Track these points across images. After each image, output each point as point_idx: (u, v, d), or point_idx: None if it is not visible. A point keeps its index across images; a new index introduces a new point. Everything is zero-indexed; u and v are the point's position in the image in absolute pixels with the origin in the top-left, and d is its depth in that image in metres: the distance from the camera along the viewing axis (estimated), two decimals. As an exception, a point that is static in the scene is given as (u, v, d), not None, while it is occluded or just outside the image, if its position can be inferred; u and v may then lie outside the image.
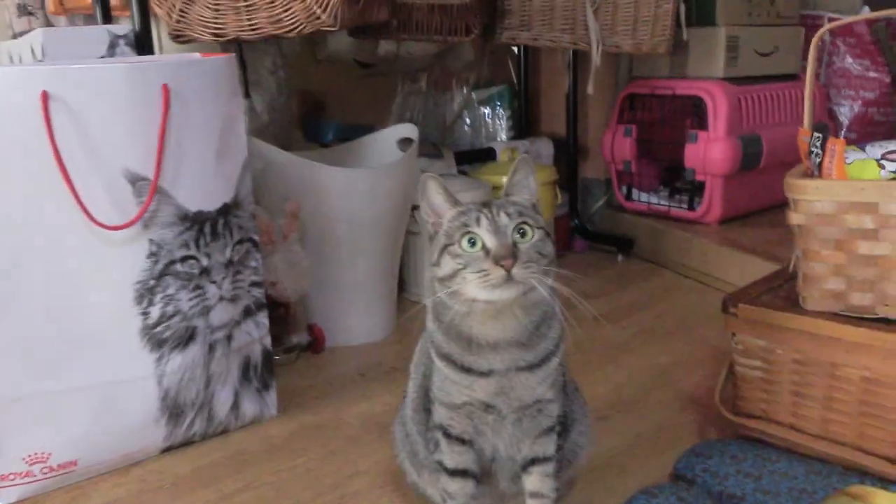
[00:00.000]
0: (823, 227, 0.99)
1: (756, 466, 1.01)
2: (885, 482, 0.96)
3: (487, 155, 2.05)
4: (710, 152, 1.93)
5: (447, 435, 0.84)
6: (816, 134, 1.01)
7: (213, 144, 1.12)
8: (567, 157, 2.19)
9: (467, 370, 0.79)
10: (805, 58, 2.20)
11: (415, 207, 1.72)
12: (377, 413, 1.29)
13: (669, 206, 2.08)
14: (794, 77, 2.16)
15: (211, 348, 1.16)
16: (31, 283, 1.01)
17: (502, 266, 0.72)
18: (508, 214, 0.75)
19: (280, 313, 1.44)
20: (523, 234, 0.75)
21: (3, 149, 0.97)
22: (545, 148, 2.17)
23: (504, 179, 1.84)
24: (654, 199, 2.12)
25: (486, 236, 0.74)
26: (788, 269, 1.03)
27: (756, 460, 1.02)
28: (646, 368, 1.44)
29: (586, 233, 2.20)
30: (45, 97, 0.96)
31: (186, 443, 1.18)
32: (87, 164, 1.01)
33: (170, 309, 1.10)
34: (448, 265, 0.75)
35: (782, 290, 1.11)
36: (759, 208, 2.06)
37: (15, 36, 1.79)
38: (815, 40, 1.08)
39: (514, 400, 0.80)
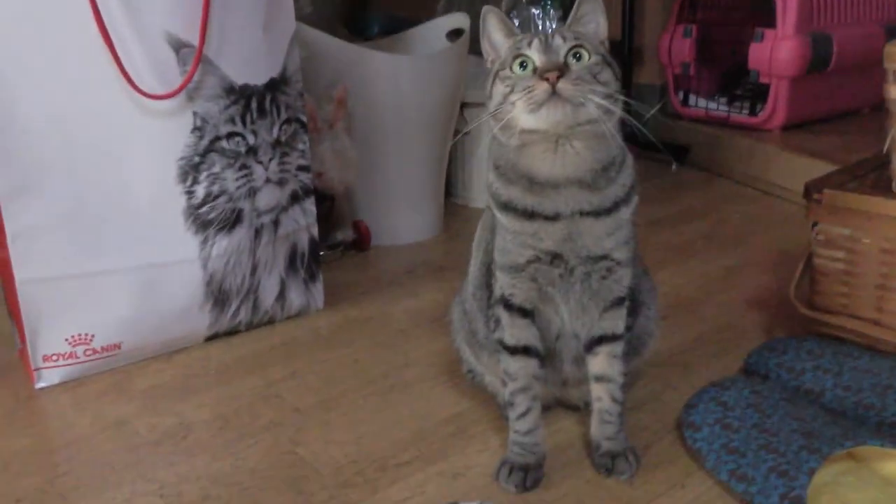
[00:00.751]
0: (926, 103, 0.90)
1: (836, 362, 0.95)
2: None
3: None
4: (777, 51, 1.81)
5: (509, 307, 0.79)
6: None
7: (260, 14, 1.05)
8: (622, 59, 2.08)
9: (530, 215, 0.74)
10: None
11: (464, 105, 1.65)
12: (426, 308, 1.24)
13: (729, 111, 1.98)
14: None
15: (257, 233, 1.11)
16: (73, 155, 0.97)
17: (546, 79, 0.67)
18: (564, 37, 0.70)
19: (326, 208, 1.38)
20: (578, 57, 0.70)
21: (40, 8, 0.91)
22: (598, 50, 2.06)
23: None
24: (712, 105, 2.01)
25: (535, 56, 0.70)
26: (883, 152, 0.95)
27: (835, 356, 0.96)
28: (707, 272, 1.37)
29: (638, 141, 2.10)
30: (84, -53, 0.89)
31: (231, 332, 1.15)
32: (129, 28, 0.95)
33: (215, 188, 1.05)
34: (498, 92, 0.71)
35: (869, 179, 1.03)
36: (826, 115, 1.94)
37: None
38: None
39: (581, 248, 0.75)
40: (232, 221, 1.08)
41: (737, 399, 0.89)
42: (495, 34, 0.75)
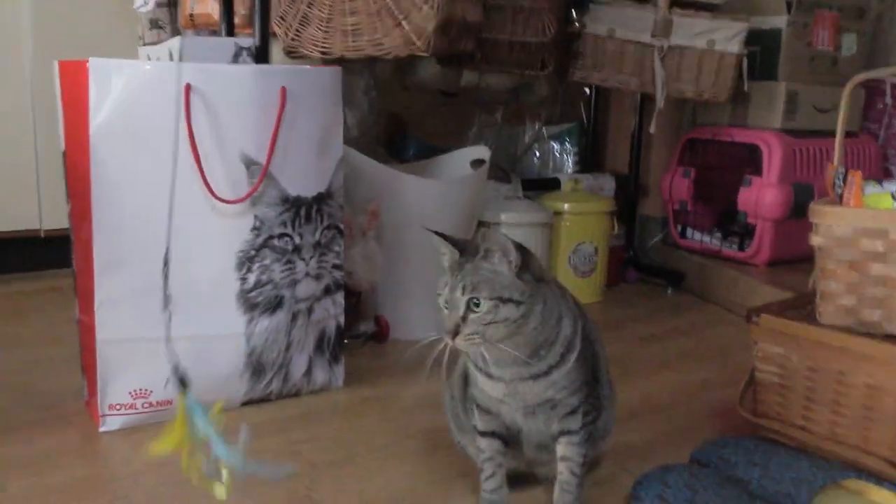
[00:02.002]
0: (840, 249, 1.11)
1: (765, 458, 1.13)
2: (882, 480, 1.06)
3: (552, 184, 2.21)
4: (762, 197, 2.05)
5: (478, 406, 1.00)
6: (840, 168, 1.14)
7: (315, 141, 1.31)
8: (628, 193, 2.34)
9: (485, 373, 0.95)
10: (865, 118, 2.34)
11: (480, 223, 1.89)
12: (432, 394, 1.44)
13: (721, 246, 2.20)
14: (853, 134, 2.26)
15: (294, 317, 1.33)
16: (157, 242, 1.21)
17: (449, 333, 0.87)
18: (463, 289, 0.86)
19: (352, 302, 1.61)
20: (477, 305, 0.85)
21: (148, 127, 1.18)
22: (607, 183, 2.32)
23: (566, 206, 2.00)
24: (707, 239, 2.24)
25: (442, 304, 0.88)
26: (809, 287, 1.15)
27: (765, 453, 1.14)
28: (682, 382, 1.56)
29: (639, 265, 2.33)
30: (188, 88, 1.16)
31: (264, 399, 1.36)
32: (213, 147, 1.21)
33: (264, 277, 1.29)
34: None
35: (804, 311, 1.23)
36: (808, 255, 2.15)
37: (145, 45, 2.05)
38: (848, 88, 1.21)
39: (520, 401, 0.95)
40: (274, 305, 1.31)
41: (676, 479, 1.07)
42: (439, 253, 0.93)
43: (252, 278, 1.28)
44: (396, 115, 2.28)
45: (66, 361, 1.40)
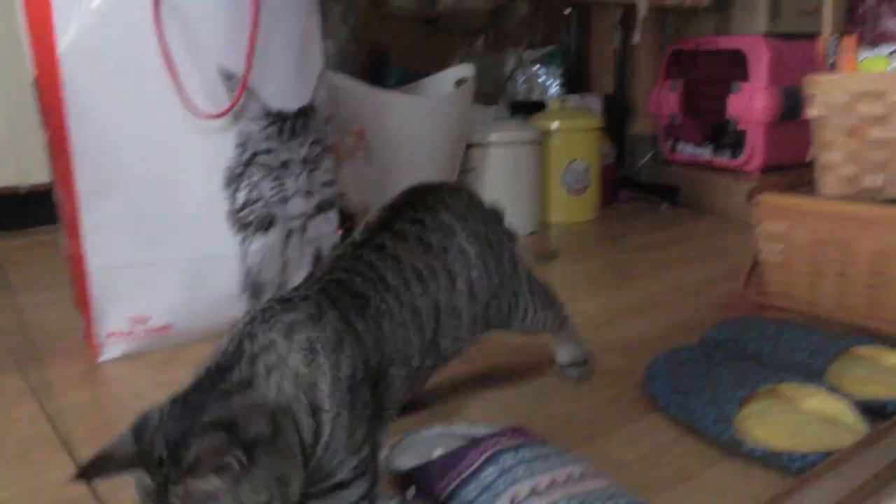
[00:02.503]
0: (838, 117, 1.09)
1: (775, 333, 1.11)
2: (894, 345, 1.06)
3: (539, 107, 2.18)
4: (752, 101, 2.02)
5: None
6: (833, 35, 1.12)
7: (294, 52, 1.27)
8: (615, 113, 2.31)
9: None
10: (850, 20, 2.30)
11: (469, 146, 1.87)
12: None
13: (713, 156, 2.18)
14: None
15: (288, 235, 1.31)
16: (140, 162, 1.18)
17: None
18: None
19: (347, 224, 1.59)
20: None
21: (119, 43, 1.14)
22: (594, 104, 2.29)
23: (553, 125, 1.97)
24: (698, 151, 2.22)
25: None
26: (806, 159, 1.14)
27: (776, 329, 1.12)
28: (683, 281, 1.55)
29: (632, 183, 2.30)
30: (157, -3, 1.13)
31: (264, 322, 1.34)
32: (189, 62, 1.17)
33: (254, 195, 1.26)
34: None
35: (805, 188, 1.22)
36: (800, 160, 2.13)
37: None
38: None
39: None
40: (267, 224, 1.28)
41: (688, 358, 1.06)
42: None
43: (241, 196, 1.25)
44: (377, 45, 2.23)
45: (60, 304, 1.37)
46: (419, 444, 0.87)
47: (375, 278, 0.76)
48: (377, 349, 0.73)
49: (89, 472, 0.58)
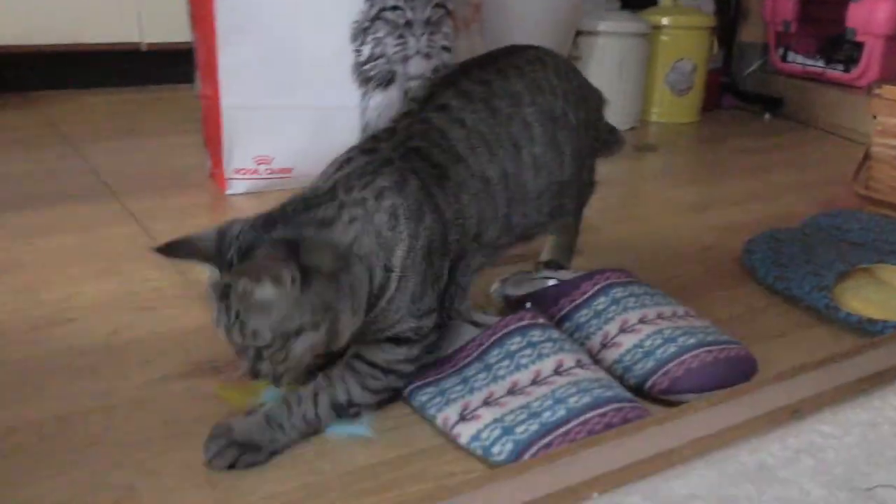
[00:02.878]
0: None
1: (880, 226, 1.13)
2: None
3: (651, 1, 2.14)
4: (874, 11, 1.95)
5: None
6: None
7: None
8: (727, 16, 2.25)
9: None
10: None
11: (578, 33, 1.87)
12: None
13: (825, 69, 2.12)
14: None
15: (405, 94, 1.36)
16: (271, 12, 1.23)
17: None
18: (239, 331, 0.64)
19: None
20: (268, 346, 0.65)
21: None
22: (706, 4, 2.23)
23: (664, 20, 1.94)
24: (809, 62, 2.16)
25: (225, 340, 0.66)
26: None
27: (880, 221, 1.14)
28: (782, 182, 1.55)
29: (736, 91, 2.27)
30: None
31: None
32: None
33: (377, 51, 1.31)
34: None
35: (929, 84, 1.20)
36: (917, 79, 2.07)
37: None
38: None
39: None
40: (387, 80, 1.33)
41: (789, 237, 1.09)
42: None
43: (366, 50, 1.30)
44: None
45: (190, 147, 1.46)
46: (531, 279, 0.94)
47: (449, 148, 0.75)
48: (457, 222, 0.74)
49: (170, 250, 0.65)
